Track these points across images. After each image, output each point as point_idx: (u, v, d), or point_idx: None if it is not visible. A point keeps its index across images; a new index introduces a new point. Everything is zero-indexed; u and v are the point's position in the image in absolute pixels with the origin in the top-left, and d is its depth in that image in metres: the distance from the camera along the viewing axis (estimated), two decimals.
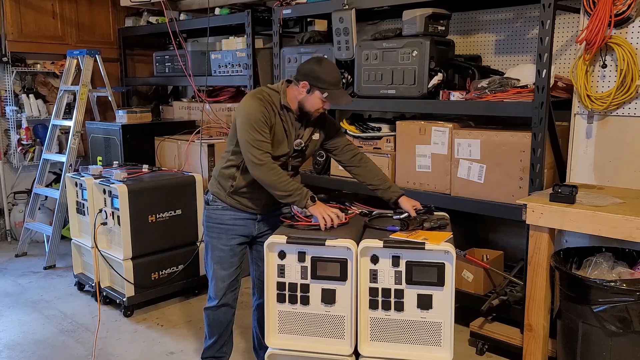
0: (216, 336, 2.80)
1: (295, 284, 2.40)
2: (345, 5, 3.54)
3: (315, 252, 2.36)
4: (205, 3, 4.59)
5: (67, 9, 5.44)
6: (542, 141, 2.80)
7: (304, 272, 2.39)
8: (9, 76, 5.16)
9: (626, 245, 2.59)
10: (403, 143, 3.44)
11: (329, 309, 2.39)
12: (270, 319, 2.45)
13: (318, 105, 2.55)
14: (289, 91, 2.58)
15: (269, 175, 2.45)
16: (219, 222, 2.68)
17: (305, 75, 2.52)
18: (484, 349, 3.14)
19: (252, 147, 2.44)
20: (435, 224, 2.46)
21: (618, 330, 2.26)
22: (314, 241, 2.34)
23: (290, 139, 2.59)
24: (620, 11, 2.65)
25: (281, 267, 2.41)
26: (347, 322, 2.37)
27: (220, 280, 2.71)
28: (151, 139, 4.80)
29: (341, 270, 2.34)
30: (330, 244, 2.31)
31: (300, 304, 2.41)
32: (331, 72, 2.54)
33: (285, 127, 2.56)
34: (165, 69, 5.24)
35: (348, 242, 2.30)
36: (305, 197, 2.45)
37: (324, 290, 2.38)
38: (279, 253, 2.40)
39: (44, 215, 5.22)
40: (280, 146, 2.56)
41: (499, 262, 3.39)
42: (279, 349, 2.46)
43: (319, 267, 2.36)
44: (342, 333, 2.39)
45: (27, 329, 3.56)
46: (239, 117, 2.53)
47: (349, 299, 2.35)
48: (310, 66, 2.53)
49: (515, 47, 3.61)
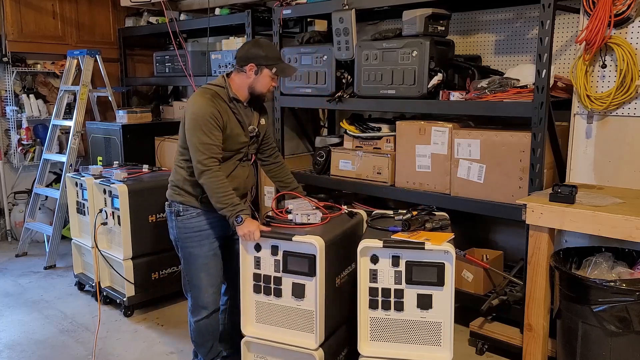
0: (211, 342, 2.80)
1: (269, 276, 2.51)
2: (345, 6, 3.54)
3: (287, 247, 2.45)
4: (206, 3, 4.59)
5: (67, 9, 5.45)
6: (541, 141, 2.81)
7: (277, 266, 2.49)
8: (9, 76, 5.16)
9: (626, 245, 2.59)
10: (403, 143, 3.44)
11: (299, 302, 2.49)
12: (247, 308, 2.56)
13: (269, 83, 2.61)
14: (233, 82, 2.61)
15: (211, 182, 2.47)
16: (198, 230, 2.65)
17: (248, 59, 2.56)
18: (483, 348, 3.14)
19: (199, 150, 2.45)
20: (436, 225, 2.47)
21: (618, 330, 2.26)
22: (284, 236, 2.44)
23: (246, 128, 2.63)
24: (620, 11, 2.66)
25: (257, 259, 2.51)
26: (315, 317, 2.44)
27: (210, 287, 2.70)
28: (151, 139, 4.81)
29: (309, 266, 2.41)
30: (297, 240, 2.40)
31: (274, 295, 2.52)
32: (272, 49, 2.62)
33: (238, 118, 2.60)
34: (165, 69, 5.24)
35: (314, 238, 2.36)
36: (234, 215, 2.45)
37: (295, 284, 2.48)
38: (255, 246, 2.50)
39: (44, 215, 5.22)
40: (238, 138, 2.60)
41: (498, 262, 3.39)
42: (254, 337, 2.57)
43: (290, 261, 2.46)
44: (312, 327, 2.46)
45: (27, 329, 3.56)
46: (187, 118, 2.52)
47: (316, 294, 2.41)
48: (250, 49, 2.58)
49: (515, 47, 3.61)
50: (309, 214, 2.56)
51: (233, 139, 2.58)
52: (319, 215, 2.58)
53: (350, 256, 2.56)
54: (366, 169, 3.63)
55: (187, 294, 2.79)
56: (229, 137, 2.56)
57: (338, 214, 2.72)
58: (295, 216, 2.55)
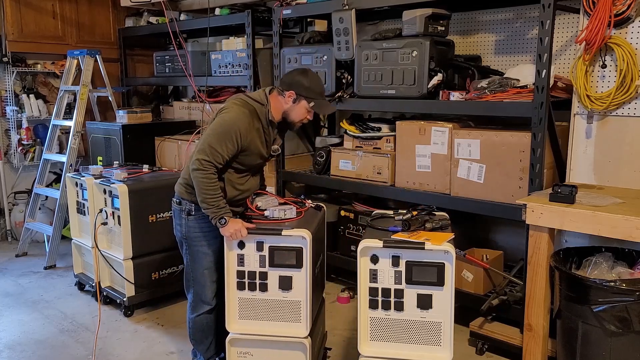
0: (210, 339, 2.80)
1: (254, 272, 2.57)
2: (345, 6, 3.54)
3: (273, 242, 2.52)
4: (206, 3, 4.59)
5: (68, 9, 5.45)
6: (541, 141, 2.81)
7: (262, 261, 2.55)
8: (9, 76, 5.16)
9: (626, 245, 2.59)
10: (403, 143, 3.44)
11: (286, 294, 2.56)
12: (231, 305, 2.60)
13: (303, 115, 2.63)
14: (273, 102, 2.62)
15: (202, 181, 2.49)
16: (208, 230, 2.67)
17: (291, 85, 2.58)
18: (483, 348, 3.14)
19: (204, 151, 2.48)
20: (436, 225, 2.47)
21: (618, 330, 2.26)
22: (272, 231, 2.50)
23: (269, 147, 2.68)
24: (620, 11, 2.66)
25: (240, 256, 2.56)
26: (302, 306, 2.54)
27: (212, 283, 2.73)
28: (151, 139, 4.81)
29: (297, 258, 2.50)
30: (286, 234, 2.46)
31: (259, 290, 2.57)
32: (317, 83, 2.63)
33: (266, 138, 2.64)
34: (165, 69, 5.25)
35: (303, 231, 2.48)
36: (217, 217, 2.49)
37: (281, 277, 2.55)
38: (239, 243, 2.54)
39: (44, 215, 5.22)
40: (259, 156, 2.65)
41: (498, 262, 3.39)
42: (239, 334, 2.61)
43: (276, 255, 2.53)
44: (299, 317, 2.56)
45: (27, 329, 3.56)
46: (218, 119, 2.57)
47: (305, 285, 2.51)
48: (297, 77, 2.60)
49: (515, 47, 3.61)
50: (285, 210, 2.63)
51: (254, 156, 2.62)
52: (294, 210, 2.66)
53: (321, 247, 2.88)
54: (366, 169, 3.63)
55: (189, 291, 2.80)
56: (250, 154, 2.61)
57: (307, 208, 2.81)
58: (273, 212, 2.61)
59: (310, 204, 2.86)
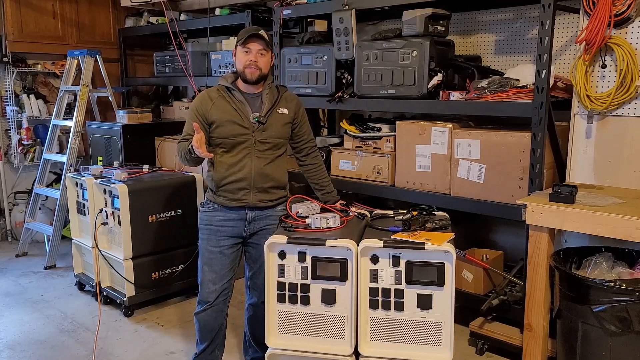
0: (208, 341, 2.79)
1: (295, 284, 2.42)
2: (345, 6, 3.54)
3: (316, 253, 2.38)
4: (206, 3, 4.59)
5: (68, 9, 5.44)
6: (541, 141, 2.81)
7: (304, 272, 2.40)
8: (9, 76, 5.16)
9: (626, 245, 2.59)
10: (403, 143, 3.44)
11: (329, 309, 2.40)
12: (270, 318, 2.46)
13: (243, 57, 2.62)
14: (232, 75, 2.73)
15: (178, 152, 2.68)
16: (209, 224, 2.70)
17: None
18: (483, 348, 3.14)
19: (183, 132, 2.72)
20: (437, 225, 2.47)
21: (618, 330, 2.26)
22: (315, 241, 2.36)
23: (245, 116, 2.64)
24: (620, 11, 2.66)
25: (281, 267, 2.42)
26: (347, 322, 2.39)
27: (210, 283, 2.70)
28: (151, 139, 4.81)
29: (341, 271, 2.36)
30: (330, 244, 2.33)
31: (301, 304, 2.43)
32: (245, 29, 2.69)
33: (234, 106, 2.64)
34: (165, 69, 5.25)
35: (348, 242, 2.32)
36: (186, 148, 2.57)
37: (324, 290, 2.40)
38: (279, 253, 2.42)
39: (44, 215, 5.22)
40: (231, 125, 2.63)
41: (498, 262, 3.39)
42: (279, 349, 2.47)
43: (319, 267, 2.38)
44: (342, 333, 2.41)
45: (27, 329, 3.57)
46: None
47: (349, 299, 2.36)
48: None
49: (515, 48, 3.61)
50: (328, 218, 2.50)
51: (229, 124, 2.62)
52: (338, 218, 2.55)
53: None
54: (366, 169, 3.63)
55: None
56: (223, 124, 2.62)
57: (352, 216, 2.70)
58: (315, 220, 2.49)
59: (354, 212, 2.74)
